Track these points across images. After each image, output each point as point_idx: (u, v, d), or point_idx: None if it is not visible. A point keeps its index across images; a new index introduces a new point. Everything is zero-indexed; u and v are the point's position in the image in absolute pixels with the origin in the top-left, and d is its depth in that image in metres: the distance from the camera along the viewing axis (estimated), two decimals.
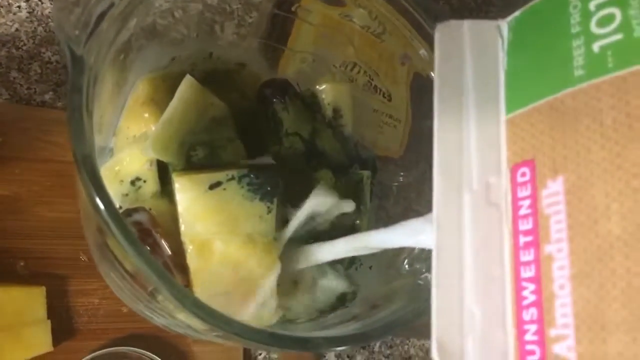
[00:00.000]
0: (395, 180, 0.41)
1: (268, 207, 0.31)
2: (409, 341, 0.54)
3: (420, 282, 0.29)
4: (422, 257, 0.32)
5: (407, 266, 0.32)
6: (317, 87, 0.38)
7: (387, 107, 0.41)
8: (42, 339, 0.39)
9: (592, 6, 0.21)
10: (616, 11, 0.20)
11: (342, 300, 0.35)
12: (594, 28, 0.20)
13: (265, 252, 0.31)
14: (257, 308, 0.31)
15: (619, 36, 0.19)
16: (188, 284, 0.31)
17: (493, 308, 0.19)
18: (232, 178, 0.31)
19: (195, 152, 0.33)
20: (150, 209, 0.32)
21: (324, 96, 0.38)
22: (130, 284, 0.29)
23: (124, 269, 0.28)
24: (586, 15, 0.21)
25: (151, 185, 0.33)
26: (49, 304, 0.40)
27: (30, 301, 0.40)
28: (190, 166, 0.33)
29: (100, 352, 0.41)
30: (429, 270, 0.30)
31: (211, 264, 0.30)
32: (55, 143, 0.44)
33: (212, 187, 0.31)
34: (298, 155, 0.35)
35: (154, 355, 0.42)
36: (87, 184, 0.23)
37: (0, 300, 0.38)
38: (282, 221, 0.34)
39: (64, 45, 0.25)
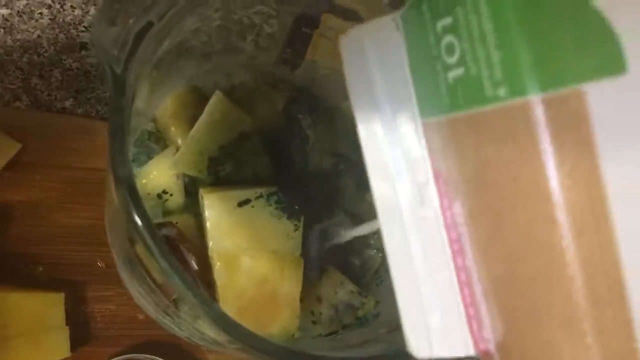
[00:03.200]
0: None
1: (295, 225, 0.32)
2: None
3: None
4: None
5: None
6: (343, 103, 0.38)
7: None
8: (59, 345, 0.40)
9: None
10: (454, 40, 0.16)
11: (364, 318, 0.35)
12: (444, 55, 0.17)
13: (291, 269, 0.31)
14: (281, 323, 0.32)
15: (461, 70, 0.16)
16: (214, 299, 0.31)
17: (449, 308, 0.20)
18: (261, 196, 0.31)
19: (222, 167, 0.33)
20: (176, 223, 0.33)
21: (348, 112, 0.38)
22: (155, 292, 0.30)
23: (150, 278, 0.29)
24: (437, 38, 0.17)
25: (177, 198, 0.34)
26: (66, 309, 0.40)
27: (48, 307, 0.40)
28: (217, 181, 0.33)
29: (116, 358, 0.41)
30: None
31: (238, 279, 0.31)
32: (75, 150, 0.44)
33: (241, 204, 0.31)
34: (323, 171, 0.35)
35: None
36: (127, 202, 0.24)
37: (19, 305, 0.39)
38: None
39: (105, 65, 0.25)
